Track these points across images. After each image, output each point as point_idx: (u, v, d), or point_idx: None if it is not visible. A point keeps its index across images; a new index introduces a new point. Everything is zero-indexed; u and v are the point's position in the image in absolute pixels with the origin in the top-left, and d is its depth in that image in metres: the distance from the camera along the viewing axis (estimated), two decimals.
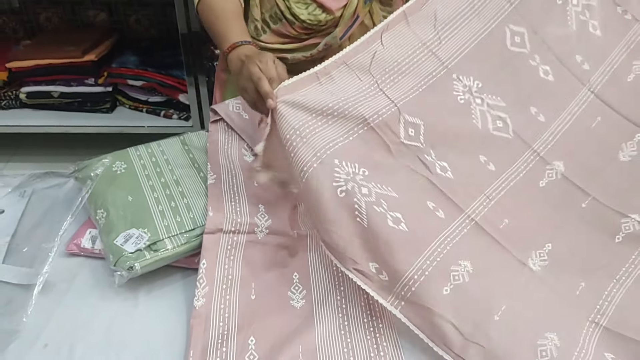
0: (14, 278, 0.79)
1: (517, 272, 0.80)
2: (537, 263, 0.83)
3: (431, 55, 0.93)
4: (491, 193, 0.87)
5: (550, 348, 0.71)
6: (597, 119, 0.99)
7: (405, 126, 0.86)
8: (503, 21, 1.00)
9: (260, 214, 0.86)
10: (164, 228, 0.83)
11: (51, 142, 1.92)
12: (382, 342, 0.74)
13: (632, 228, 0.88)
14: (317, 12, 1.07)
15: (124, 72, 1.79)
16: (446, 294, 0.73)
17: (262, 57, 0.83)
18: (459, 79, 0.93)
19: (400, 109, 0.86)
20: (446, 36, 0.95)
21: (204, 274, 0.78)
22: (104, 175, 0.92)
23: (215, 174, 0.92)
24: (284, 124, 0.78)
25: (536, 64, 0.99)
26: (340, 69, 0.87)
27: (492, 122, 0.93)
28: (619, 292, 0.81)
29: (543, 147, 0.94)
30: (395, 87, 0.89)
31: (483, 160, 0.90)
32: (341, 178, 0.76)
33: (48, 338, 0.73)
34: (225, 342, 0.72)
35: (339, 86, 0.85)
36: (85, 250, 0.86)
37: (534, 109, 0.97)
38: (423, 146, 0.86)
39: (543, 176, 0.92)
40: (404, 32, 0.94)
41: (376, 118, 0.84)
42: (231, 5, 1.01)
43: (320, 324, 0.76)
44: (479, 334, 0.71)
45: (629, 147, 0.97)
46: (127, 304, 0.79)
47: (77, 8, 1.97)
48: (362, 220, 0.74)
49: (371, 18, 1.14)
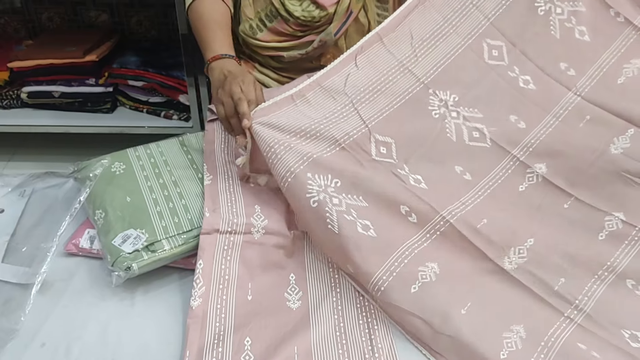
0: (13, 277, 0.79)
1: (487, 272, 0.82)
2: (514, 261, 0.83)
3: (407, 73, 0.97)
4: (467, 200, 0.88)
5: (515, 340, 0.73)
6: (586, 117, 0.99)
7: (376, 145, 0.90)
8: (480, 36, 1.03)
9: (256, 215, 0.86)
10: (161, 229, 0.84)
11: (52, 141, 1.92)
12: (377, 344, 0.74)
13: (615, 226, 0.88)
14: (311, 9, 1.08)
15: (125, 72, 1.79)
16: (414, 291, 0.77)
17: (245, 79, 0.90)
18: (435, 93, 0.97)
19: (370, 129, 0.90)
20: (423, 53, 0.99)
21: (200, 274, 0.79)
22: (102, 175, 0.92)
23: (212, 175, 0.93)
24: (260, 142, 0.85)
25: (515, 75, 1.01)
26: (316, 91, 0.92)
27: (468, 134, 0.95)
28: (599, 288, 0.82)
29: (523, 152, 0.94)
30: (369, 105, 0.93)
31: (459, 170, 0.91)
32: (314, 190, 0.81)
33: (45, 337, 0.74)
34: (221, 343, 0.72)
35: (313, 107, 0.91)
36: (83, 250, 0.86)
37: (513, 117, 0.98)
38: (396, 162, 0.89)
39: (523, 180, 0.93)
40: (379, 52, 0.98)
41: (347, 139, 0.88)
42: (219, 15, 1.06)
43: (316, 325, 0.76)
44: (447, 326, 0.73)
45: (621, 141, 0.96)
46: (124, 304, 0.79)
47: (78, 9, 1.98)
48: (333, 227, 0.79)
49: (366, 15, 1.15)
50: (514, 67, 1.01)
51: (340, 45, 1.16)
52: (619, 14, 1.06)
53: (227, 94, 0.88)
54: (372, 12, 1.16)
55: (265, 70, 1.21)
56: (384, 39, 0.99)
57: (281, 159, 0.83)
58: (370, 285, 0.77)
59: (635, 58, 1.04)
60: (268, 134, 0.85)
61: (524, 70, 1.01)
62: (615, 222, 0.88)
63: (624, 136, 0.96)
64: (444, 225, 0.83)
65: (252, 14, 1.13)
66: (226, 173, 0.94)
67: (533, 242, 0.86)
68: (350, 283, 0.82)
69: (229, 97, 0.88)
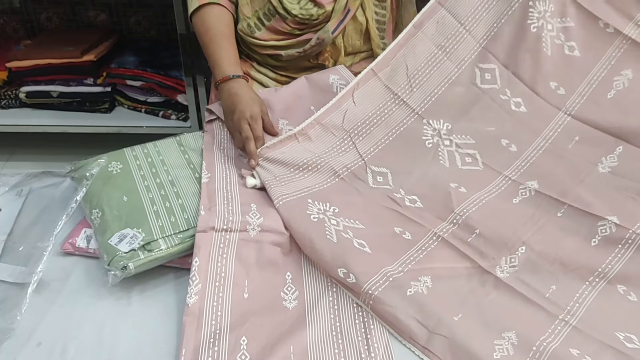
0: (9, 276, 0.79)
1: (479, 282, 0.83)
2: (505, 270, 0.84)
3: (402, 104, 1.03)
4: (462, 210, 0.90)
5: (506, 347, 0.74)
6: (575, 138, 1.00)
7: (373, 175, 0.97)
8: (473, 62, 1.06)
9: (252, 212, 0.86)
10: (158, 228, 0.84)
11: (50, 141, 1.92)
12: (374, 343, 0.74)
13: (608, 231, 0.88)
14: (309, 7, 1.09)
15: (123, 72, 1.79)
16: (409, 294, 0.78)
17: (254, 114, 0.97)
18: (428, 123, 1.02)
19: (367, 162, 0.98)
20: (417, 83, 1.04)
21: (196, 272, 0.79)
22: (99, 175, 0.93)
23: (210, 173, 0.93)
24: (264, 174, 0.93)
25: (507, 97, 1.03)
26: (316, 129, 1.00)
27: (461, 159, 0.99)
28: (590, 295, 0.81)
29: (515, 173, 0.97)
30: (366, 139, 1.01)
31: (454, 185, 0.94)
32: (314, 211, 0.88)
33: (41, 337, 0.74)
34: (217, 342, 0.72)
35: (314, 144, 0.99)
36: (80, 250, 0.86)
37: (505, 141, 1.00)
38: (392, 187, 0.95)
39: (516, 194, 0.95)
40: (375, 86, 1.04)
41: (345, 170, 0.96)
42: (225, 26, 1.09)
43: (312, 324, 0.76)
44: (442, 327, 0.74)
45: (608, 160, 0.97)
46: (120, 304, 0.79)
47: (77, 8, 1.98)
48: (331, 238, 0.83)
49: (364, 13, 1.15)
50: (506, 90, 1.03)
51: (338, 44, 1.16)
52: (608, 25, 1.05)
53: (236, 130, 0.98)
54: (370, 10, 1.16)
55: (263, 69, 1.21)
56: (379, 73, 1.05)
57: (286, 184, 0.92)
58: (365, 288, 0.78)
59: (625, 69, 1.03)
60: (273, 167, 0.94)
61: (515, 92, 1.03)
62: (609, 227, 0.88)
63: (612, 155, 0.98)
64: (437, 240, 0.87)
65: (250, 12, 1.13)
66: (224, 172, 0.94)
67: (524, 250, 0.86)
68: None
69: (238, 133, 0.97)
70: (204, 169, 0.94)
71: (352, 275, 0.79)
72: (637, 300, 0.81)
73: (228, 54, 1.06)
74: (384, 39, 1.20)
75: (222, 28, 1.08)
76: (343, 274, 0.80)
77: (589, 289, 0.82)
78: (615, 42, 1.04)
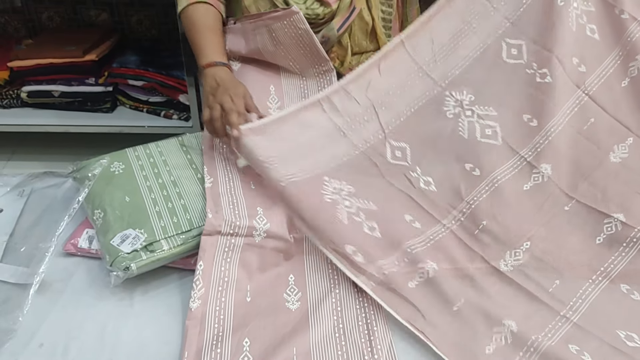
0: (11, 277, 0.79)
1: (483, 275, 0.84)
2: (509, 263, 0.86)
3: (426, 77, 1.03)
4: (472, 197, 0.91)
5: (505, 335, 0.75)
6: (591, 120, 0.99)
7: (391, 149, 0.97)
8: (500, 36, 1.05)
9: (258, 217, 0.86)
10: (160, 229, 0.84)
11: (52, 141, 1.92)
12: (377, 345, 0.74)
13: (613, 229, 0.89)
14: (315, 6, 1.08)
15: (125, 72, 1.78)
16: (411, 287, 0.80)
17: (237, 91, 0.96)
18: (451, 95, 1.01)
19: (387, 135, 0.98)
20: (442, 57, 1.03)
21: (200, 276, 0.78)
22: (101, 175, 0.92)
23: (212, 177, 0.92)
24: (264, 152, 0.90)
25: (533, 71, 1.01)
26: (340, 95, 1.00)
27: (481, 131, 0.98)
28: (593, 292, 0.82)
29: (531, 152, 0.96)
30: (389, 109, 1.00)
31: (469, 167, 0.95)
32: (328, 190, 0.88)
33: (43, 337, 0.74)
34: (219, 344, 0.72)
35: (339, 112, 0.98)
36: (82, 250, 0.86)
37: (526, 116, 0.99)
38: (409, 164, 0.96)
39: (529, 180, 0.95)
40: (402, 58, 1.03)
41: (364, 144, 0.97)
42: (211, 20, 1.10)
43: (314, 326, 0.76)
44: (440, 318, 0.77)
45: (620, 149, 0.98)
46: (123, 304, 0.79)
47: (78, 8, 1.97)
48: (342, 219, 0.84)
49: (370, 13, 1.14)
50: (533, 64, 1.02)
51: (344, 44, 1.16)
52: (623, 12, 1.05)
53: (217, 102, 0.95)
54: (377, 9, 1.15)
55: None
56: (407, 44, 1.04)
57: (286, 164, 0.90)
58: (372, 268, 0.80)
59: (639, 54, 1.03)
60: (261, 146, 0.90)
61: (542, 64, 1.02)
62: (615, 224, 0.89)
63: (624, 144, 0.98)
64: (445, 232, 0.89)
65: (255, 12, 1.13)
66: (226, 175, 0.93)
67: (529, 245, 0.87)
68: (350, 285, 0.82)
69: (218, 105, 0.94)
70: (206, 174, 0.93)
71: (360, 254, 0.81)
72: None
73: (213, 43, 1.07)
74: (390, 37, 1.19)
75: (208, 22, 1.09)
76: (352, 251, 0.81)
77: (592, 286, 0.83)
78: (631, 28, 1.04)
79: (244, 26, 1.09)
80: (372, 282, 0.80)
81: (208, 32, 1.08)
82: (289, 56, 1.06)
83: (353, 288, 0.82)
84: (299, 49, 1.04)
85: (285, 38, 1.03)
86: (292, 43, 1.03)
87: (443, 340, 0.75)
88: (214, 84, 0.98)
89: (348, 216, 0.85)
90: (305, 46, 1.04)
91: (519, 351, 0.73)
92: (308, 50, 1.04)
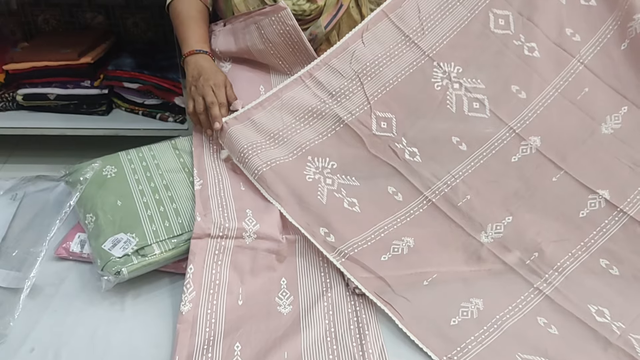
0: (3, 282, 0.79)
1: (462, 245, 0.87)
2: (490, 235, 0.87)
3: (413, 46, 1.02)
4: (458, 172, 0.93)
5: (472, 310, 0.78)
6: (585, 89, 1.00)
7: (377, 121, 0.97)
8: (487, 6, 1.05)
9: (248, 219, 0.86)
10: (152, 233, 0.84)
11: (48, 144, 1.92)
12: (368, 349, 0.74)
13: (597, 205, 0.90)
14: (302, 2, 1.09)
15: (120, 74, 1.78)
16: (384, 260, 0.83)
17: (217, 81, 0.99)
18: (439, 66, 1.01)
19: (372, 106, 0.97)
20: (430, 26, 1.03)
21: (191, 279, 0.78)
22: (93, 179, 0.92)
23: (202, 179, 0.92)
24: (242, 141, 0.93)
25: (520, 43, 1.02)
26: (323, 70, 1.00)
27: (468, 105, 0.99)
28: (571, 265, 0.84)
29: (520, 124, 0.97)
30: (375, 79, 0.99)
31: (455, 141, 0.96)
32: (311, 171, 0.91)
33: (34, 342, 0.74)
34: (210, 348, 0.72)
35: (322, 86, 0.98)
36: (74, 255, 0.86)
37: (515, 87, 1.00)
38: (395, 135, 0.96)
39: (517, 152, 0.96)
40: (386, 28, 1.03)
41: (349, 117, 0.97)
42: (195, 12, 1.13)
43: (306, 329, 0.76)
44: (408, 292, 0.79)
45: (612, 120, 0.98)
46: (114, 309, 0.79)
47: (74, 10, 1.97)
48: (322, 198, 0.88)
49: (359, 11, 1.14)
50: (520, 35, 1.03)
51: (332, 41, 1.16)
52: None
53: (199, 94, 0.99)
54: (366, 7, 1.15)
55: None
56: (391, 14, 1.03)
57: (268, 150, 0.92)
58: (343, 246, 0.82)
59: (638, 13, 1.02)
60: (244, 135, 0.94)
61: (529, 37, 1.02)
62: (598, 202, 0.90)
63: (617, 114, 0.98)
64: (427, 204, 0.90)
65: (244, 10, 1.13)
66: (216, 177, 0.93)
67: (511, 220, 0.89)
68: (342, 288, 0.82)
69: (201, 97, 0.98)
70: (196, 176, 0.93)
71: (332, 235, 0.84)
72: (619, 274, 0.82)
73: (195, 33, 1.09)
74: None
75: (191, 13, 1.12)
76: (324, 233, 0.84)
77: (570, 259, 0.85)
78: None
79: (234, 26, 1.10)
80: (342, 257, 0.82)
81: (191, 22, 1.11)
82: (278, 54, 1.06)
83: (345, 291, 0.82)
84: (287, 47, 1.05)
85: (274, 36, 1.04)
86: (281, 41, 1.04)
87: (408, 313, 0.76)
88: (195, 73, 1.02)
89: (329, 193, 0.87)
90: (294, 44, 1.04)
91: (482, 325, 0.75)
92: (296, 48, 1.05)
